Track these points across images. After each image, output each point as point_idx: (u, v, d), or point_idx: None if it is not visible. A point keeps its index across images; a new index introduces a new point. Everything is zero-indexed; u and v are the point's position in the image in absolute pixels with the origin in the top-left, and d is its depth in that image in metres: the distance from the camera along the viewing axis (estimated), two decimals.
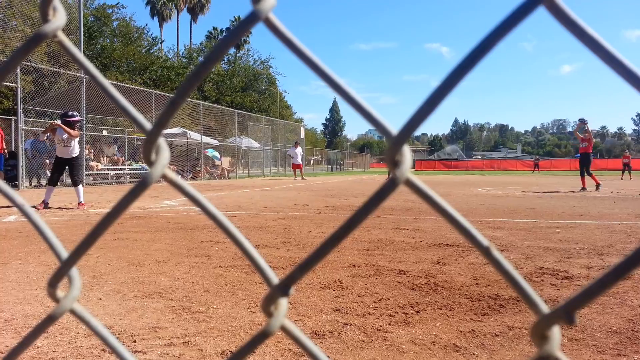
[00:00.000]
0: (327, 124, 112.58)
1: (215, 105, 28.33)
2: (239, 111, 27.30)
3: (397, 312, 2.45)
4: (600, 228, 5.41)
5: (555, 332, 0.30)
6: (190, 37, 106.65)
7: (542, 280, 3.05)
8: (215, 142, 24.20)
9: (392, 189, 0.31)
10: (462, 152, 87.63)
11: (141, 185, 0.36)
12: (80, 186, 7.83)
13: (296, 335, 0.39)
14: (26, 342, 0.43)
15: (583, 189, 12.44)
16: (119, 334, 2.10)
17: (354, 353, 1.92)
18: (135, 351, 1.92)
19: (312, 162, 48.88)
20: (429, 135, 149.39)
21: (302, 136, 35.01)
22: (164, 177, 0.36)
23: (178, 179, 0.37)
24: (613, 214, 6.80)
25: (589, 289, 0.29)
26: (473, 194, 11.67)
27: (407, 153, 0.31)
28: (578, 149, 13.12)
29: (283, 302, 0.37)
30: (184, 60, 40.19)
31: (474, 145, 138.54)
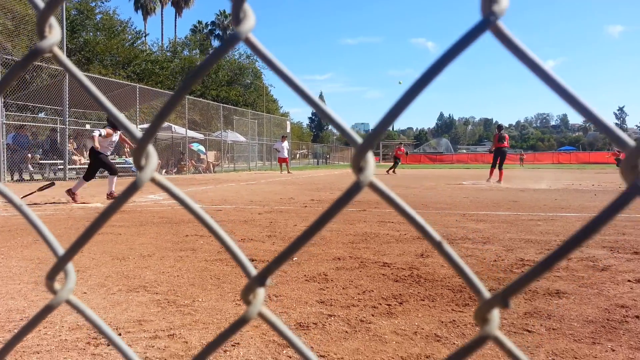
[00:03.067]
0: (313, 117, 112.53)
1: (201, 99, 28.11)
2: (224, 105, 27.15)
3: (381, 304, 2.49)
4: (581, 220, 5.52)
5: (495, 314, 0.33)
6: (175, 30, 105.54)
7: (523, 272, 3.11)
8: (200, 136, 24.05)
9: (356, 192, 0.34)
10: (450, 146, 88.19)
11: (132, 187, 0.39)
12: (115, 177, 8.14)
13: (272, 321, 0.41)
14: (25, 331, 0.45)
15: (495, 180, 13.76)
16: None
17: (337, 344, 1.95)
18: None
19: (298, 156, 48.87)
20: (414, 129, 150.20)
21: (288, 130, 34.94)
22: (153, 180, 0.39)
23: (166, 181, 0.40)
24: (594, 207, 6.93)
25: (520, 280, 0.32)
26: (458, 187, 11.79)
27: (370, 160, 0.34)
28: (492, 147, 14.94)
29: (260, 292, 0.40)
30: (168, 54, 39.77)
31: (459, 139, 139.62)
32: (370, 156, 0.34)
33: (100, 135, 7.76)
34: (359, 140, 0.35)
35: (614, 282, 2.90)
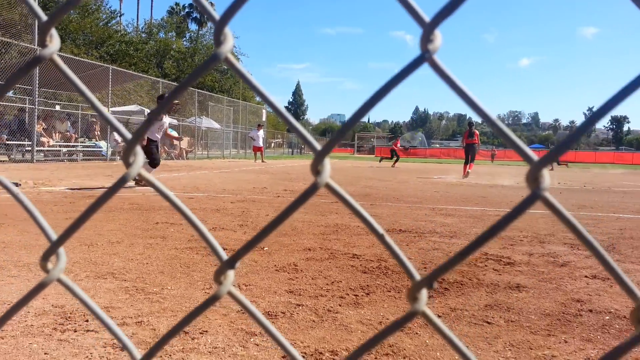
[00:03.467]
0: (290, 107, 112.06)
1: (175, 83, 27.61)
2: (199, 91, 26.78)
3: (348, 294, 2.55)
4: (545, 217, 5.71)
5: (423, 294, 0.38)
6: (151, 11, 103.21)
7: (486, 266, 3.23)
8: (174, 121, 23.69)
9: (313, 192, 0.38)
10: (425, 140, 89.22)
11: (121, 181, 0.43)
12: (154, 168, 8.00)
13: (241, 300, 0.45)
14: (19, 305, 0.48)
15: (464, 177, 14.18)
16: (70, 314, 2.10)
17: (304, 332, 2.00)
18: (88, 330, 1.93)
19: (273, 145, 48.67)
20: (389, 122, 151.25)
21: (264, 119, 34.72)
22: (140, 176, 0.43)
23: (151, 177, 0.44)
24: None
25: (444, 265, 0.37)
26: (429, 182, 11.98)
27: (327, 164, 0.39)
28: (463, 143, 15.73)
29: (230, 274, 0.44)
30: (143, 36, 38.89)
31: (433, 133, 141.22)
32: (326, 161, 0.39)
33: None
34: (318, 147, 0.39)
35: (572, 277, 3.03)
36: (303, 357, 1.75)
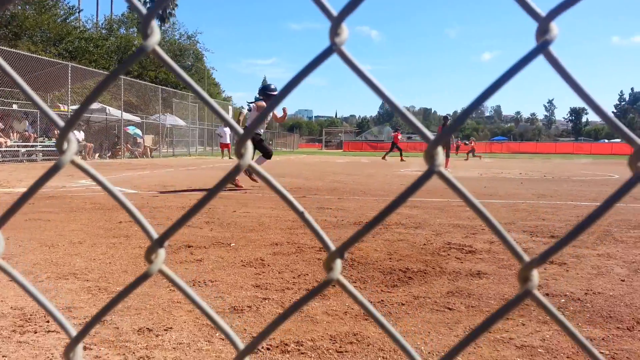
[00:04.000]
0: None
1: (138, 80, 27.05)
2: (163, 87, 26.30)
3: (314, 286, 2.57)
4: (506, 207, 5.88)
5: (338, 263, 0.41)
6: (112, 7, 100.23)
7: (449, 255, 3.31)
8: (137, 119, 23.21)
9: (237, 173, 0.41)
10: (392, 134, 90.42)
11: (53, 169, 0.43)
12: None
13: (171, 277, 0.46)
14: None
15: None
16: (30, 315, 2.05)
17: None
18: (49, 331, 1.89)
19: None
20: (357, 117, 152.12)
21: (231, 115, 34.40)
22: (73, 163, 0.43)
23: (84, 164, 0.45)
24: (518, 194, 7.39)
25: (352, 238, 0.40)
26: (396, 175, 12.14)
27: (249, 147, 0.42)
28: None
29: (161, 252, 0.45)
30: (103, 32, 37.86)
31: (399, 127, 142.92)
32: (249, 144, 0.41)
33: (249, 110, 7.30)
34: (241, 131, 0.42)
35: None
36: (268, 349, 1.77)
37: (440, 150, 0.38)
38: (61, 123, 0.42)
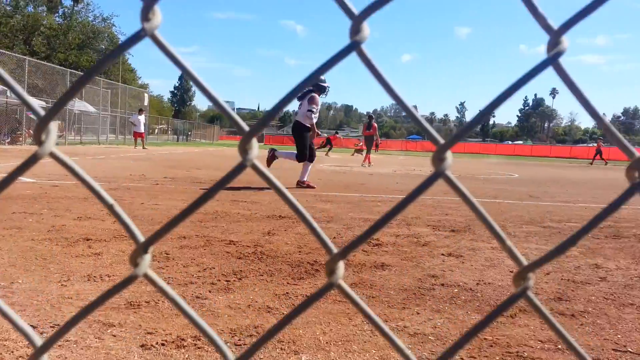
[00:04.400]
0: (176, 92, 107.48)
1: (45, 62, 25.05)
2: (72, 71, 24.57)
3: (220, 280, 2.54)
4: (414, 203, 6.14)
5: (340, 266, 0.41)
6: None
7: (356, 247, 3.40)
8: (42, 103, 21.50)
9: (238, 173, 0.38)
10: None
11: (32, 159, 0.39)
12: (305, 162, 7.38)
13: (156, 282, 0.43)
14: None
15: (367, 165, 15.29)
16: None
17: (167, 320, 1.95)
18: None
19: (157, 131, 46.38)
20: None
21: (146, 103, 32.93)
22: (51, 155, 0.40)
23: (65, 157, 0.41)
24: (426, 191, 7.75)
25: (358, 239, 0.39)
26: (314, 170, 12.27)
27: (255, 144, 0.41)
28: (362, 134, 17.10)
29: (147, 257, 0.43)
30: (8, 9, 34.59)
31: (321, 123, 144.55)
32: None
33: (313, 110, 7.10)
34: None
35: (431, 255, 3.31)
36: (163, 344, 1.71)
37: (449, 154, 0.41)
38: (42, 112, 0.40)
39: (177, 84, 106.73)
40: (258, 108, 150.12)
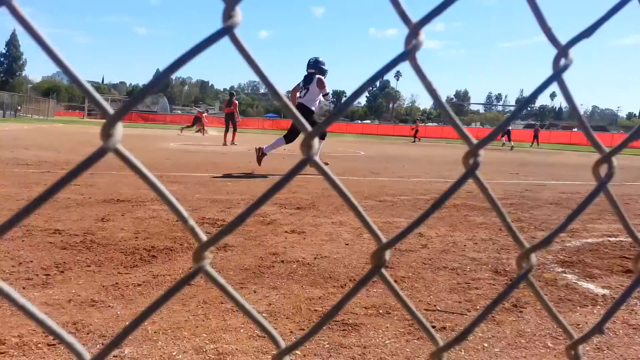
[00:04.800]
0: (2, 60, 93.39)
1: None
2: None
3: (38, 275, 2.29)
4: (265, 181, 6.22)
5: (387, 255, 0.33)
6: None
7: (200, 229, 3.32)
8: None
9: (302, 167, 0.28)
10: (168, 105, 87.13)
11: (98, 153, 0.37)
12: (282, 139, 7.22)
13: (215, 278, 0.31)
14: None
15: (230, 142, 15.20)
16: None
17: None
18: None
19: None
20: (127, 85, 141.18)
21: None
22: (115, 152, 0.37)
23: (129, 154, 0.38)
24: (281, 169, 7.88)
25: (404, 230, 0.33)
26: (163, 149, 11.69)
27: (316, 142, 0.42)
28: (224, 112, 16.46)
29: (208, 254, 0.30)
30: None
31: (175, 99, 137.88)
32: (316, 140, 0.40)
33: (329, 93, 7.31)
34: (309, 127, 0.41)
35: (275, 233, 3.38)
36: None
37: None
38: (111, 110, 0.38)
39: (3, 51, 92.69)
40: (102, 81, 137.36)
